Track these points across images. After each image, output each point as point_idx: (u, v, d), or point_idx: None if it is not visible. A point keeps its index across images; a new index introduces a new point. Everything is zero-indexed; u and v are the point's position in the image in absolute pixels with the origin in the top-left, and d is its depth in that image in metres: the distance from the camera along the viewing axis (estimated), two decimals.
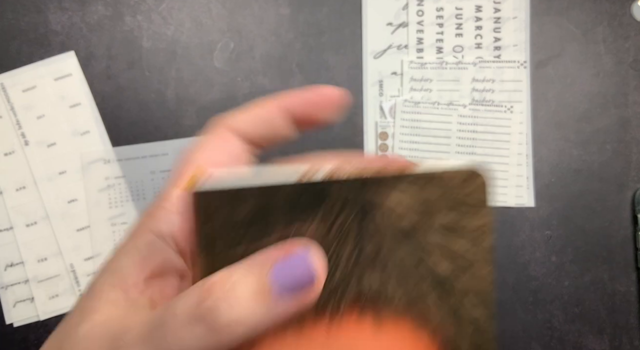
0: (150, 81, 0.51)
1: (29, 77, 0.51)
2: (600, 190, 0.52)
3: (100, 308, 0.18)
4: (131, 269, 0.18)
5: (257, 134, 0.21)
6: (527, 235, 0.52)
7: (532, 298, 0.52)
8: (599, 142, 0.53)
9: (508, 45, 0.53)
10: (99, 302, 0.18)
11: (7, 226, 0.50)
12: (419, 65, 0.53)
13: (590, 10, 0.53)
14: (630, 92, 0.53)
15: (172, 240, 0.19)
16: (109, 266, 0.19)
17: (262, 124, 0.21)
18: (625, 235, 0.52)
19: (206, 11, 0.52)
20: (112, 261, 0.19)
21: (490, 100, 0.52)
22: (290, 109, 0.21)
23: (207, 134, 0.21)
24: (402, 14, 0.53)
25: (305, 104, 0.21)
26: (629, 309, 0.52)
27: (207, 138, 0.21)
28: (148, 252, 0.19)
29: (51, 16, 0.51)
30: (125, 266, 0.19)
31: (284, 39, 0.52)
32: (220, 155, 0.20)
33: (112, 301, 0.18)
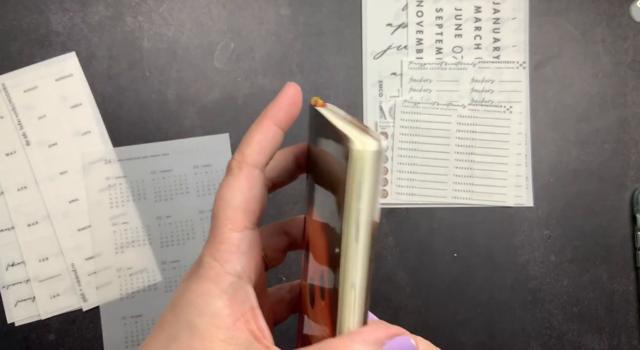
0: (151, 81, 0.52)
1: (30, 77, 0.51)
2: (599, 190, 0.53)
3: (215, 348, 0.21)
4: (228, 310, 0.22)
5: (268, 159, 0.24)
6: (526, 235, 0.52)
7: (531, 297, 0.52)
8: (598, 142, 0.53)
9: (507, 46, 0.53)
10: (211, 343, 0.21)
11: (9, 226, 0.50)
12: (419, 65, 0.53)
13: (589, 11, 0.53)
14: (628, 93, 0.53)
15: (247, 277, 0.23)
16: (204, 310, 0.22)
17: (270, 148, 0.24)
18: (624, 234, 0.52)
19: (206, 12, 0.52)
20: (204, 306, 0.22)
21: (489, 101, 0.53)
22: (279, 121, 0.25)
23: (234, 173, 0.24)
24: (401, 14, 0.53)
25: (287, 110, 0.25)
26: (627, 308, 0.52)
27: (234, 178, 0.24)
28: (235, 293, 0.22)
29: (52, 17, 0.51)
30: (222, 307, 0.22)
31: (284, 39, 0.53)
32: (254, 192, 0.24)
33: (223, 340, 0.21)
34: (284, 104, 0.25)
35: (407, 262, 0.52)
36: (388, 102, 0.53)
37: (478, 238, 0.52)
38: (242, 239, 0.23)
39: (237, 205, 0.23)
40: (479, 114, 0.52)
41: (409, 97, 0.53)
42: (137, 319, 0.50)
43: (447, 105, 0.53)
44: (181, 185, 0.51)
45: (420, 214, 0.52)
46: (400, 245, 0.52)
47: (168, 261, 0.51)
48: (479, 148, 0.52)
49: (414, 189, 0.52)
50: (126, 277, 0.50)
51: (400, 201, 0.52)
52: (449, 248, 0.52)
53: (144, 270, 0.50)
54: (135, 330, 0.50)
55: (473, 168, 0.52)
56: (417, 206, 0.52)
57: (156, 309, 0.50)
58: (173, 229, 0.51)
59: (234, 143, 0.52)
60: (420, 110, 0.52)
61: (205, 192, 0.51)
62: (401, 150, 0.52)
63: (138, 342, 0.50)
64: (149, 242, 0.51)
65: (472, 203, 0.52)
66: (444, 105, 0.53)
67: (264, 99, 0.52)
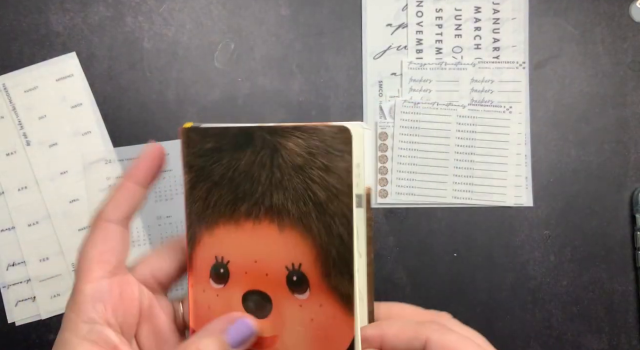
0: (151, 82, 0.52)
1: (30, 77, 0.51)
2: (599, 190, 0.53)
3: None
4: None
5: (126, 213, 0.27)
6: (526, 235, 0.52)
7: (530, 297, 0.52)
8: (598, 142, 0.53)
9: (507, 46, 0.53)
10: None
11: (9, 226, 0.50)
12: (419, 65, 0.53)
13: (588, 11, 0.53)
14: (628, 93, 0.53)
15: (105, 322, 0.25)
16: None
17: (127, 204, 0.27)
18: (624, 234, 0.52)
19: (207, 12, 0.52)
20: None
21: (489, 101, 0.53)
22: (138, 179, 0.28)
23: (90, 229, 0.27)
24: (401, 15, 0.53)
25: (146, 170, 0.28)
26: (627, 308, 0.52)
27: (90, 234, 0.27)
28: (96, 337, 0.25)
29: (53, 17, 0.51)
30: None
31: (284, 39, 0.53)
32: (108, 244, 0.27)
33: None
34: (142, 165, 0.28)
35: (407, 262, 0.52)
36: (388, 102, 0.53)
37: (478, 238, 0.52)
38: (96, 288, 0.26)
39: (90, 258, 0.26)
40: (479, 114, 0.53)
41: (408, 97, 0.53)
42: None
43: (447, 105, 0.53)
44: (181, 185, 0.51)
45: (420, 214, 0.52)
46: (400, 245, 0.52)
47: None
48: (479, 148, 0.52)
49: (413, 189, 0.52)
50: None
51: (400, 201, 0.52)
52: (448, 248, 0.52)
53: None
54: None
55: (473, 168, 0.52)
56: (417, 206, 0.52)
57: None
58: (173, 229, 0.51)
59: None
60: (420, 111, 0.53)
61: None
62: (401, 150, 0.52)
63: None
64: (149, 242, 0.51)
65: (472, 203, 0.52)
66: (443, 105, 0.53)
67: (264, 99, 0.52)
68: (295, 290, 0.25)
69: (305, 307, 0.25)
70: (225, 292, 0.26)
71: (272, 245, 0.25)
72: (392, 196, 0.52)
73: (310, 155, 0.24)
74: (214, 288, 0.27)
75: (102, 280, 0.26)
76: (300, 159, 0.24)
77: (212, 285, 0.27)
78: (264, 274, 0.26)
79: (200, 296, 0.27)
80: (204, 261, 0.27)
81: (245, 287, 0.26)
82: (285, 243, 0.25)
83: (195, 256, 0.27)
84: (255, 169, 0.25)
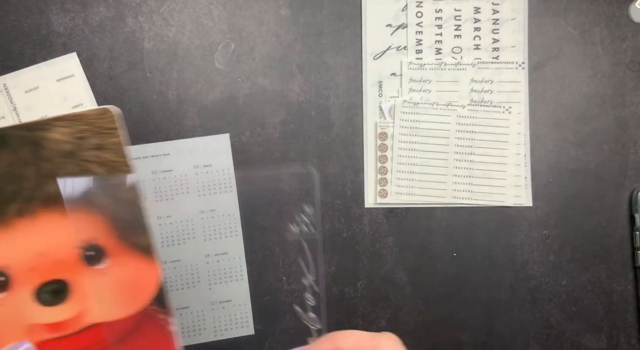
0: (152, 82, 0.52)
1: (31, 78, 0.51)
2: (598, 190, 0.53)
3: None
4: None
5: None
6: (525, 235, 0.52)
7: (530, 297, 0.52)
8: (597, 143, 0.53)
9: (506, 47, 0.53)
10: None
11: None
12: (418, 66, 0.53)
13: (587, 11, 0.53)
14: (627, 93, 0.53)
15: None
16: None
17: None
18: (623, 234, 0.52)
19: (207, 13, 0.53)
20: None
21: (488, 101, 0.53)
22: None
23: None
24: (401, 15, 0.53)
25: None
26: (626, 307, 0.52)
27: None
28: None
29: (53, 18, 0.51)
30: None
31: (285, 40, 0.53)
32: None
33: None
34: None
35: (406, 262, 0.52)
36: (388, 102, 0.53)
37: (477, 238, 0.52)
38: None
39: None
40: (478, 114, 0.53)
41: (408, 97, 0.53)
42: None
43: (447, 105, 0.53)
44: (182, 185, 0.51)
45: (419, 213, 0.53)
46: (400, 245, 0.52)
47: (169, 261, 0.51)
48: (478, 148, 0.53)
49: (413, 189, 0.52)
50: None
51: (400, 201, 0.52)
52: (448, 248, 0.52)
53: None
54: None
55: (472, 168, 0.52)
56: (416, 206, 0.53)
57: None
58: (173, 229, 0.51)
59: (234, 143, 0.52)
60: (420, 111, 0.53)
61: (206, 192, 0.51)
62: (401, 151, 0.53)
63: None
64: None
65: (472, 203, 0.52)
66: (443, 105, 0.53)
67: (264, 99, 0.52)
68: (94, 263, 0.27)
69: (108, 273, 0.27)
70: (11, 297, 0.26)
71: (56, 233, 0.26)
72: (392, 196, 0.52)
73: (79, 139, 0.26)
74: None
75: None
76: (68, 145, 0.26)
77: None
78: (54, 262, 0.26)
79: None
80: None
81: (36, 282, 0.26)
82: (71, 225, 0.26)
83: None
84: (18, 168, 0.26)
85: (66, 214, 0.26)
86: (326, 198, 0.52)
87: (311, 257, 0.25)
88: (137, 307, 0.27)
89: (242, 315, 0.51)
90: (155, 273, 0.27)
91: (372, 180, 0.53)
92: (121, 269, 0.27)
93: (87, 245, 0.27)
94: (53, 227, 0.26)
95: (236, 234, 0.51)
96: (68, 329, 0.27)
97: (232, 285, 0.51)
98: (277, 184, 0.51)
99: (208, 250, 0.51)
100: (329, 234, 0.52)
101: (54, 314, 0.27)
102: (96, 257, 0.27)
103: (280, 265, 0.51)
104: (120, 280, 0.27)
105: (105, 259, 0.27)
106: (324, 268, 0.26)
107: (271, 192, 0.51)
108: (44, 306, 0.27)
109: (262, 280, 0.51)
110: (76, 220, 0.26)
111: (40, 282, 0.27)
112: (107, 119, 0.26)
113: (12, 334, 0.27)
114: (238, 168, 0.51)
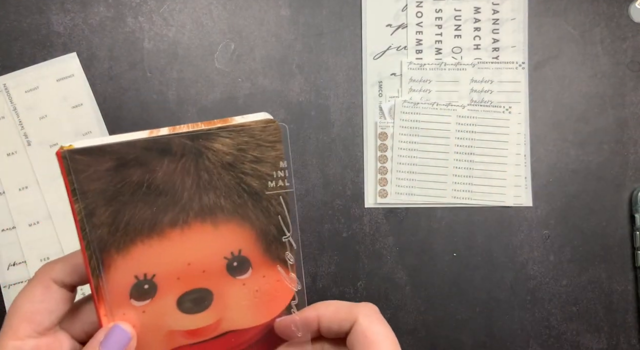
0: (152, 82, 0.52)
1: (31, 78, 0.51)
2: (598, 190, 0.53)
3: None
4: None
5: (75, 279, 0.26)
6: (525, 235, 0.52)
7: (530, 297, 0.52)
8: (597, 143, 0.53)
9: (506, 47, 0.53)
10: None
11: (10, 226, 0.50)
12: (418, 66, 0.53)
13: (587, 11, 0.53)
14: (627, 93, 0.53)
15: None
16: None
17: (79, 270, 0.26)
18: (623, 234, 0.52)
19: (207, 13, 0.53)
20: None
21: (488, 101, 0.53)
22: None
23: (30, 284, 0.26)
24: (401, 15, 0.53)
25: None
26: (626, 307, 0.52)
27: (31, 287, 0.25)
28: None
29: (53, 17, 0.51)
30: None
31: (284, 40, 0.53)
32: (45, 305, 0.25)
33: None
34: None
35: (406, 262, 0.52)
36: (388, 102, 0.53)
37: (477, 238, 0.52)
38: (20, 347, 0.25)
39: (21, 314, 0.25)
40: (479, 114, 0.53)
41: (408, 97, 0.53)
42: None
43: (447, 105, 0.53)
44: None
45: (419, 213, 0.53)
46: (400, 245, 0.52)
47: None
48: (479, 148, 0.53)
49: (413, 189, 0.52)
50: None
51: (400, 201, 0.52)
52: (448, 248, 0.52)
53: None
54: None
55: (472, 168, 0.52)
56: (416, 206, 0.53)
57: None
58: None
59: None
60: (420, 111, 0.53)
61: None
62: (401, 151, 0.53)
63: None
64: None
65: (472, 203, 0.52)
66: (443, 105, 0.53)
67: (264, 99, 0.52)
68: (237, 273, 0.27)
69: (249, 283, 0.27)
70: (154, 305, 0.27)
71: (206, 243, 0.26)
72: (392, 196, 0.52)
73: (240, 151, 0.26)
74: (137, 307, 0.26)
75: (28, 340, 0.25)
76: (229, 157, 0.26)
77: (135, 305, 0.26)
78: (200, 272, 0.26)
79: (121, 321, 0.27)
80: (119, 286, 0.26)
81: (180, 291, 0.26)
82: (221, 236, 0.26)
83: (105, 285, 0.26)
84: (178, 177, 0.25)
85: (218, 225, 0.26)
86: (326, 198, 0.52)
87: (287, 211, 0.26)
88: (271, 316, 0.28)
89: None
90: (293, 285, 0.27)
91: (372, 180, 0.53)
92: (262, 279, 0.27)
93: (233, 256, 0.27)
94: (204, 238, 0.26)
95: None
96: (205, 336, 0.27)
97: None
98: None
99: None
100: (329, 234, 0.52)
101: (194, 321, 0.27)
102: (240, 267, 0.27)
103: None
104: (259, 291, 0.27)
105: (249, 269, 0.27)
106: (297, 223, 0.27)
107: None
108: (186, 314, 0.27)
109: None
110: (227, 231, 0.26)
111: (184, 291, 0.27)
112: (271, 131, 0.26)
113: (153, 339, 0.27)
114: None
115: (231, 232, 0.26)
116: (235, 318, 0.27)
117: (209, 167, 0.25)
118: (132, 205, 0.25)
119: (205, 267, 0.26)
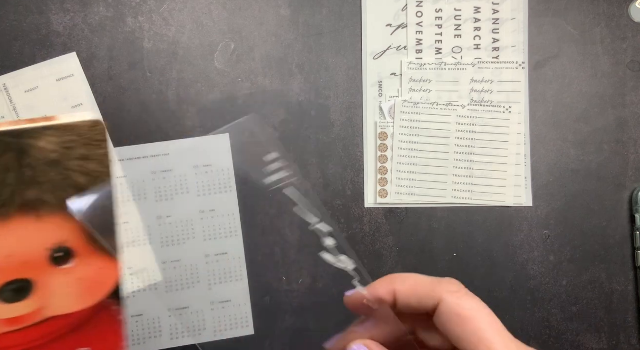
0: (152, 82, 0.52)
1: (31, 77, 0.51)
2: (598, 190, 0.53)
3: None
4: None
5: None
6: (526, 235, 0.52)
7: (530, 297, 0.52)
8: (597, 143, 0.53)
9: (506, 46, 0.53)
10: None
11: None
12: (418, 66, 0.53)
13: (588, 11, 0.53)
14: (627, 93, 0.53)
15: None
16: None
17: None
18: (623, 234, 0.52)
19: (207, 13, 0.53)
20: None
21: (488, 101, 0.53)
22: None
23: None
24: (401, 15, 0.53)
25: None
26: (626, 307, 0.52)
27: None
28: None
29: (53, 17, 0.51)
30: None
31: (284, 40, 0.53)
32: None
33: None
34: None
35: (406, 262, 0.52)
36: (388, 102, 0.53)
37: (477, 238, 0.52)
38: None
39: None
40: (479, 114, 0.53)
41: (408, 97, 0.53)
42: (137, 318, 0.50)
43: (447, 105, 0.53)
44: (182, 185, 0.51)
45: (419, 214, 0.53)
46: (400, 245, 0.52)
47: (168, 261, 0.51)
48: (479, 148, 0.52)
49: (413, 189, 0.52)
50: (126, 277, 0.50)
51: (400, 201, 0.52)
52: (448, 248, 0.52)
53: (144, 270, 0.51)
54: (136, 330, 0.50)
55: (472, 168, 0.52)
56: (416, 206, 0.53)
57: (157, 309, 0.51)
58: (173, 229, 0.51)
59: (234, 143, 0.52)
60: (420, 111, 0.53)
61: (206, 192, 0.51)
62: (401, 151, 0.53)
63: (139, 342, 0.50)
64: (149, 241, 0.51)
65: (472, 203, 0.52)
66: (443, 105, 0.53)
67: (264, 99, 0.52)
68: (61, 263, 0.28)
69: (73, 272, 0.28)
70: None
71: (27, 236, 0.27)
72: (392, 196, 0.52)
73: (67, 149, 0.27)
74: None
75: None
76: (55, 154, 0.26)
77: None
78: (20, 263, 0.27)
79: None
80: None
81: (0, 282, 0.27)
82: (44, 230, 0.27)
83: None
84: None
85: (41, 218, 0.27)
86: (326, 198, 0.52)
87: (304, 200, 0.26)
88: (94, 301, 0.29)
89: (242, 315, 0.51)
90: (117, 271, 0.29)
91: (372, 180, 0.52)
92: (86, 268, 0.28)
93: (57, 247, 0.28)
94: (25, 230, 0.27)
95: (236, 234, 0.51)
96: (25, 322, 0.29)
97: (232, 285, 0.51)
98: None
99: (208, 250, 0.51)
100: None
101: (14, 310, 0.28)
102: (64, 258, 0.28)
103: (280, 265, 0.51)
104: (83, 278, 0.28)
105: (72, 259, 0.28)
106: (322, 207, 0.27)
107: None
108: (6, 303, 0.28)
109: (262, 280, 0.51)
110: (51, 224, 0.27)
111: (4, 282, 0.28)
112: (98, 131, 0.27)
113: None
114: (238, 168, 0.51)
115: (55, 225, 0.27)
116: (58, 305, 0.28)
117: (33, 163, 0.26)
118: None
119: (26, 258, 0.27)
